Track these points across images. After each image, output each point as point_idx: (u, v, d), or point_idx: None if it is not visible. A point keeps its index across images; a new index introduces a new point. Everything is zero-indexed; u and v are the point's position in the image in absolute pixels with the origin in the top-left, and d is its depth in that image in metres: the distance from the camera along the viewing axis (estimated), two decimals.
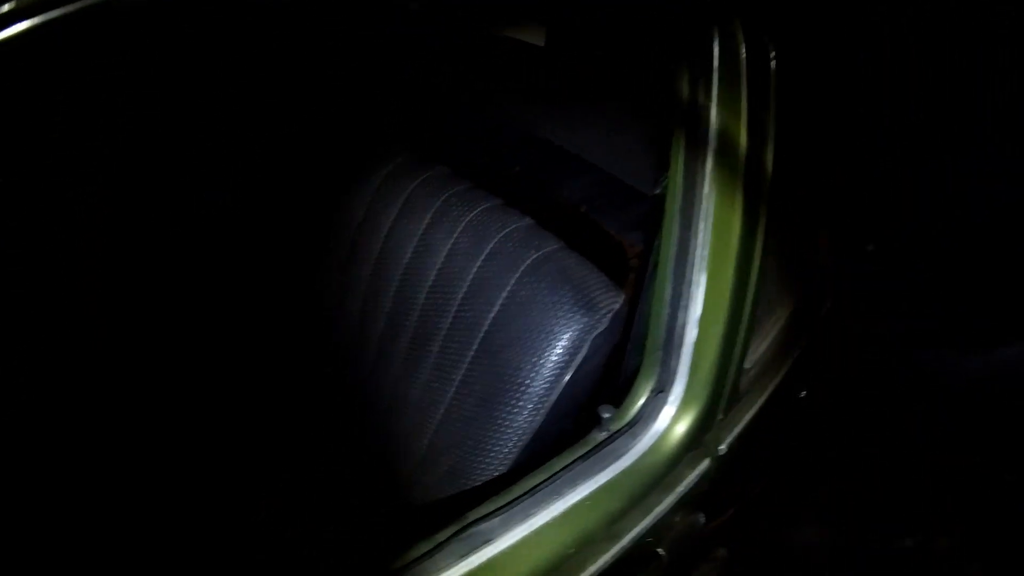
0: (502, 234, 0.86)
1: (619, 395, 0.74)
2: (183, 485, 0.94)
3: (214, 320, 1.18)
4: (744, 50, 0.68)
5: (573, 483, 0.66)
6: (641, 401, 0.73)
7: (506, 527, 0.62)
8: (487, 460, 0.78)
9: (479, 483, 0.78)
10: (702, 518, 0.78)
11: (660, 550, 0.73)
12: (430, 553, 0.59)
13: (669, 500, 0.71)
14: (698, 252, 0.69)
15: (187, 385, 1.08)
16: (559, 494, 0.65)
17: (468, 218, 0.90)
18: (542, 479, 0.66)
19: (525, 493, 0.65)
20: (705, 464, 0.74)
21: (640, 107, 0.97)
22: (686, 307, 0.71)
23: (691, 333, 0.71)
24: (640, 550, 0.70)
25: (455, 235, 0.90)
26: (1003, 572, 1.16)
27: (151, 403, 1.04)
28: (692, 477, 0.73)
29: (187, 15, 1.13)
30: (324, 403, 1.06)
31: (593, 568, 0.65)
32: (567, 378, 0.76)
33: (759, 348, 0.87)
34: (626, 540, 0.67)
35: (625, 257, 0.90)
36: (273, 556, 0.88)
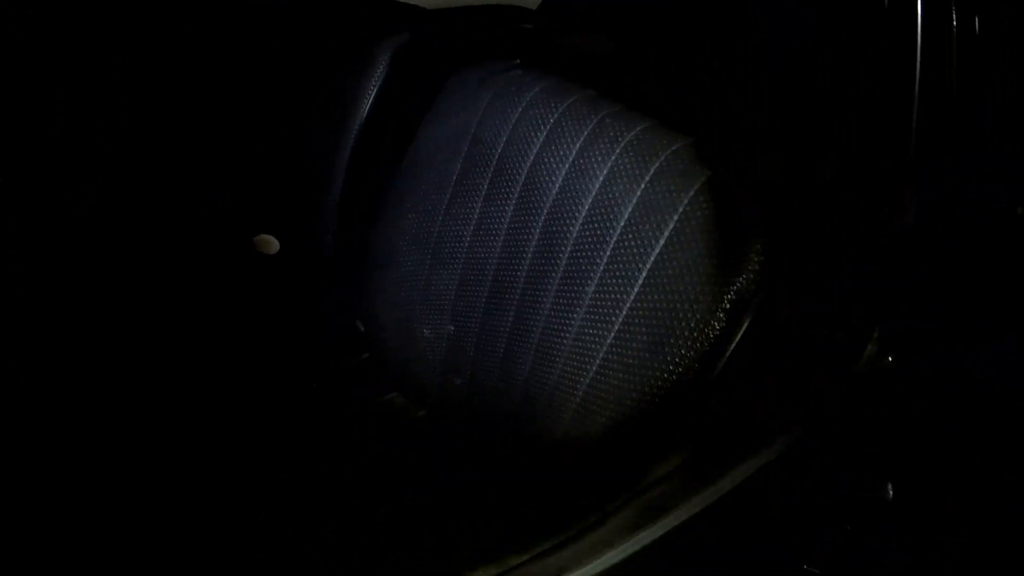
0: (670, 151, 0.76)
1: (812, 333, 0.67)
2: (183, 485, 0.94)
3: (214, 320, 1.18)
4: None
5: (764, 439, 0.58)
6: (838, 338, 0.65)
7: (688, 493, 0.53)
8: (657, 413, 0.69)
9: (648, 439, 0.69)
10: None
11: (890, 488, 0.67)
12: (593, 527, 0.51)
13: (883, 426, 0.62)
14: None
15: (187, 385, 1.08)
16: (749, 453, 0.56)
17: (628, 137, 0.80)
18: (725, 436, 0.59)
19: (707, 451, 0.57)
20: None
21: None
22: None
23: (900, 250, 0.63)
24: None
25: (614, 156, 0.80)
26: (1004, 572, 1.15)
27: (151, 403, 1.04)
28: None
29: (187, 15, 1.14)
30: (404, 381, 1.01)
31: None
32: (753, 309, 0.67)
33: None
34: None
35: None
36: (273, 556, 0.88)
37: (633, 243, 0.75)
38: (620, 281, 0.75)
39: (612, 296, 0.76)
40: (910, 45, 0.63)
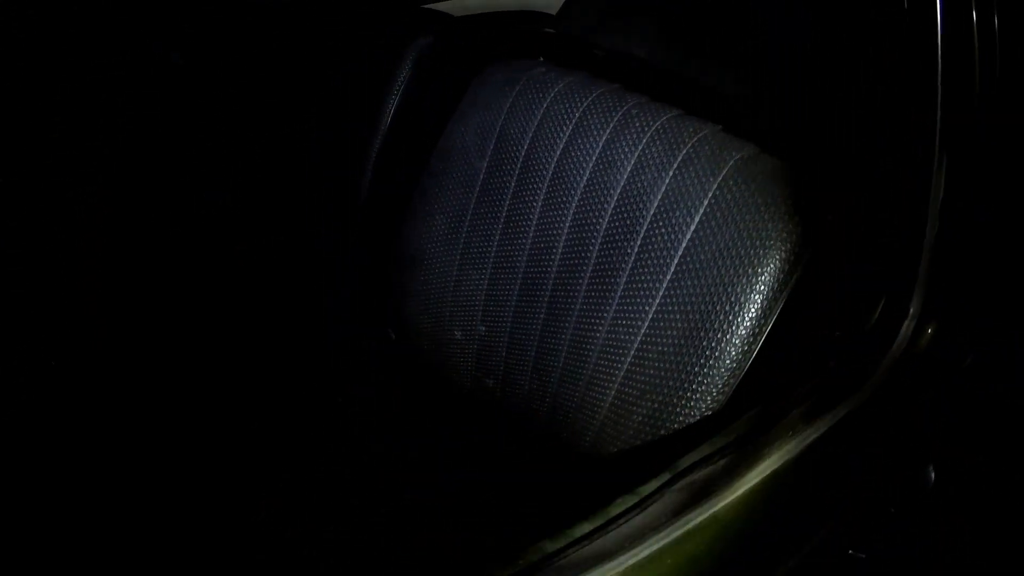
0: (697, 138, 0.77)
1: (848, 310, 0.67)
2: (183, 485, 0.94)
3: (215, 320, 1.18)
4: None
5: (808, 418, 0.57)
6: (875, 314, 0.65)
7: (732, 474, 0.53)
8: (695, 400, 0.69)
9: (687, 427, 0.70)
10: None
11: (931, 470, 0.67)
12: (633, 510, 0.51)
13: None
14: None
15: (187, 385, 1.08)
16: (795, 432, 0.56)
17: (655, 126, 0.81)
18: (769, 415, 0.58)
19: (752, 430, 0.56)
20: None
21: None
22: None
23: (932, 227, 0.63)
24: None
25: (641, 145, 0.81)
26: (1007, 572, 1.15)
27: (151, 403, 1.05)
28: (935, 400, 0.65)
29: (187, 15, 1.14)
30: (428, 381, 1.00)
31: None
32: (788, 290, 0.67)
33: None
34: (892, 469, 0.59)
35: None
36: (273, 556, 0.88)
37: (664, 231, 0.75)
38: (652, 270, 0.75)
39: (644, 286, 0.76)
40: (930, 45, 0.63)
